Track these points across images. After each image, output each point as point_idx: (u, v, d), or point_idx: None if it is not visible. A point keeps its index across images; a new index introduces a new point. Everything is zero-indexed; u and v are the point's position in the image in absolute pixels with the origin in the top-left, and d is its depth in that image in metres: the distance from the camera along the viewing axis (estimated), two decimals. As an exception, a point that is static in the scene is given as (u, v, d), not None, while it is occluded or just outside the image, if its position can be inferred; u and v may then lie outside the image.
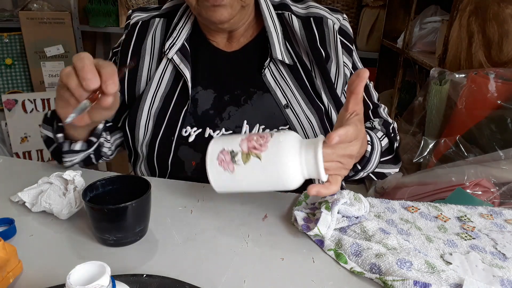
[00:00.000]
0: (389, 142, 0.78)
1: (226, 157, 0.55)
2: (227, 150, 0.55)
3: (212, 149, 0.56)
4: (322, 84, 0.79)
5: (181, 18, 0.81)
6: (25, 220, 0.60)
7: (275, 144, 0.54)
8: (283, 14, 0.80)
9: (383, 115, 0.85)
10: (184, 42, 0.78)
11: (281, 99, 0.77)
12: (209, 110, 0.78)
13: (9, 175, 0.74)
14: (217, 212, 0.64)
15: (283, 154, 0.53)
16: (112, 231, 0.54)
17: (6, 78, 2.32)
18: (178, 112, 0.77)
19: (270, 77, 0.78)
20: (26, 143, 2.28)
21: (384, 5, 2.15)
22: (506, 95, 1.19)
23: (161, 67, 0.79)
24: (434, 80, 1.39)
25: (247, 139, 0.55)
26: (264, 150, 0.54)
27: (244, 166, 0.54)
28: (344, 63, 0.80)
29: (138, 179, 0.59)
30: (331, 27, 0.79)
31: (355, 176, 0.75)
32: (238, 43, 0.81)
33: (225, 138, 0.58)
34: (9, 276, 0.47)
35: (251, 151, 0.54)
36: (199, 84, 0.79)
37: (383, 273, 0.50)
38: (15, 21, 2.22)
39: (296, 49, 0.79)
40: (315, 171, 0.52)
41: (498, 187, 1.12)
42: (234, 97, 0.79)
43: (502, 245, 0.58)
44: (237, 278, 0.50)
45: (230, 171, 0.54)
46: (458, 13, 1.37)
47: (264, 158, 0.53)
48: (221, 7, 0.69)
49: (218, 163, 0.55)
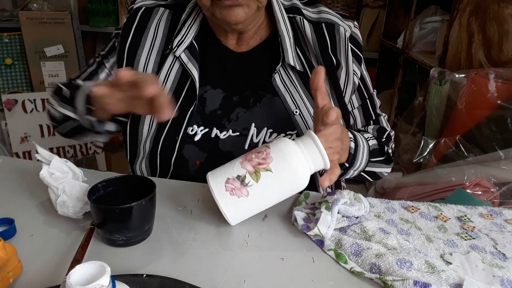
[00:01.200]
0: (379, 145, 0.79)
1: (235, 184, 0.54)
2: (233, 177, 0.55)
3: (215, 184, 0.55)
4: (331, 91, 0.79)
5: (190, 15, 0.80)
6: (25, 220, 0.60)
7: (278, 152, 0.55)
8: (295, 18, 0.79)
9: (382, 123, 0.86)
10: (192, 40, 0.77)
11: (290, 105, 0.77)
12: (217, 110, 0.78)
13: (9, 175, 0.74)
14: (217, 212, 0.63)
15: (291, 158, 0.55)
16: (123, 231, 0.54)
17: (6, 78, 2.32)
18: (184, 111, 0.77)
19: (280, 82, 0.77)
20: (26, 143, 2.28)
21: (384, 5, 2.15)
22: (506, 95, 1.19)
23: (167, 64, 0.78)
24: (434, 80, 1.39)
25: (245, 160, 0.56)
26: (270, 161, 0.55)
27: (257, 184, 0.54)
28: (354, 71, 0.80)
29: (138, 179, 0.59)
30: (343, 34, 0.79)
31: (345, 174, 0.75)
32: (247, 45, 0.81)
33: (220, 170, 0.57)
34: (9, 276, 0.47)
35: (258, 168, 0.55)
36: (208, 83, 0.79)
37: (383, 273, 0.50)
38: (15, 21, 2.21)
39: (306, 54, 0.79)
40: (321, 161, 0.56)
41: (498, 187, 1.12)
42: (243, 99, 0.78)
43: (502, 245, 0.58)
44: (237, 278, 0.50)
45: (245, 196, 0.54)
46: (458, 13, 1.37)
47: (275, 169, 0.54)
48: (238, 7, 0.68)
49: (229, 194, 0.54)
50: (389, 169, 0.84)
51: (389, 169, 0.84)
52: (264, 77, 0.78)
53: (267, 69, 0.79)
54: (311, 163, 0.56)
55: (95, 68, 0.85)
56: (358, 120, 0.85)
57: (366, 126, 0.85)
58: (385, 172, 0.84)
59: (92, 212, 0.54)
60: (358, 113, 0.85)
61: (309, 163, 0.56)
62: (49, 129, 2.32)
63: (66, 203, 0.58)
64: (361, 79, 0.82)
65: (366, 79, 0.84)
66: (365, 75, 0.84)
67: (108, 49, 0.85)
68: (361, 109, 0.85)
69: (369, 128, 0.84)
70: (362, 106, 0.84)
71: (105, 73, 0.84)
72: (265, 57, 0.80)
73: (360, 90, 0.83)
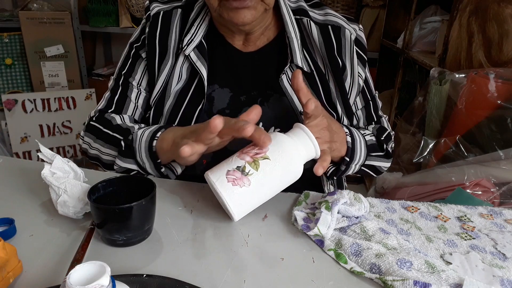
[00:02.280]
0: (377, 141, 0.81)
1: (236, 174, 0.56)
2: (233, 169, 0.56)
3: (216, 177, 0.56)
4: (336, 92, 0.80)
5: (199, 14, 0.80)
6: (25, 220, 0.60)
7: (273, 141, 0.58)
8: (302, 19, 0.79)
9: (384, 124, 0.88)
10: (202, 39, 0.78)
11: (297, 105, 0.78)
12: (225, 109, 0.78)
13: (9, 175, 0.74)
14: (217, 212, 0.63)
15: (285, 145, 0.58)
16: (123, 231, 0.54)
17: (6, 78, 2.32)
18: (192, 110, 0.77)
19: (287, 82, 0.78)
20: (26, 143, 2.28)
21: (384, 5, 2.15)
22: (506, 95, 1.19)
23: (179, 63, 0.78)
24: (434, 80, 1.39)
25: (242, 153, 0.58)
26: (266, 150, 0.57)
27: (257, 172, 0.56)
28: (359, 73, 0.81)
29: (138, 179, 0.59)
30: (348, 37, 0.80)
31: (348, 169, 0.75)
32: (254, 46, 0.81)
33: (219, 165, 0.59)
34: (9, 276, 0.47)
35: (255, 157, 0.57)
36: (216, 82, 0.79)
37: (383, 273, 0.50)
38: (15, 21, 2.21)
39: (312, 55, 0.79)
40: (313, 149, 0.61)
41: (498, 187, 1.12)
42: (251, 98, 0.79)
43: (502, 245, 0.58)
44: (237, 278, 0.50)
45: (247, 185, 0.55)
46: (458, 13, 1.37)
47: (272, 156, 0.57)
48: (245, 9, 0.69)
49: (231, 184, 0.55)
50: (388, 163, 0.85)
51: (389, 163, 0.86)
52: (271, 77, 0.79)
53: (274, 69, 0.79)
54: (303, 150, 0.60)
55: (123, 90, 0.83)
56: (361, 121, 0.87)
57: (368, 126, 0.87)
58: (385, 166, 0.85)
59: (92, 212, 0.54)
60: (361, 114, 0.86)
61: (302, 150, 0.60)
62: (49, 129, 2.32)
63: (67, 203, 0.58)
64: (365, 82, 0.83)
65: (370, 81, 0.86)
66: (369, 78, 0.85)
67: (129, 66, 0.83)
68: (364, 111, 0.86)
69: (369, 127, 0.86)
70: (365, 107, 0.85)
71: (135, 92, 0.83)
72: (272, 58, 0.80)
73: (364, 92, 0.85)
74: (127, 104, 0.82)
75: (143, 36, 0.82)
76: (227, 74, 0.80)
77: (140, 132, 0.72)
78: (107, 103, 0.83)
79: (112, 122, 0.79)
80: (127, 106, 0.82)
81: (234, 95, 0.79)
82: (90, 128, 0.81)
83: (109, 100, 0.83)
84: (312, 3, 0.84)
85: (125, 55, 0.85)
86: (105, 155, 0.78)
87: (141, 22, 0.84)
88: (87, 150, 0.82)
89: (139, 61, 0.83)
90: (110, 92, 0.84)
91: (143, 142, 0.70)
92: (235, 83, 0.79)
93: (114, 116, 0.81)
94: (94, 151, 0.79)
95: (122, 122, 0.79)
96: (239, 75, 0.80)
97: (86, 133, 0.81)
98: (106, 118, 0.80)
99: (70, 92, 2.33)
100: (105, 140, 0.77)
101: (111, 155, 0.77)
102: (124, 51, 0.86)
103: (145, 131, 0.72)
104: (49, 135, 2.32)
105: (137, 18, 2.29)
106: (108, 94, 0.84)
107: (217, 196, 0.59)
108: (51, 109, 2.29)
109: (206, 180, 0.59)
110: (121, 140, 0.74)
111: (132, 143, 0.72)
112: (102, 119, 0.80)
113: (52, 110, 2.29)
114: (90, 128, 0.81)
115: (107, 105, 0.83)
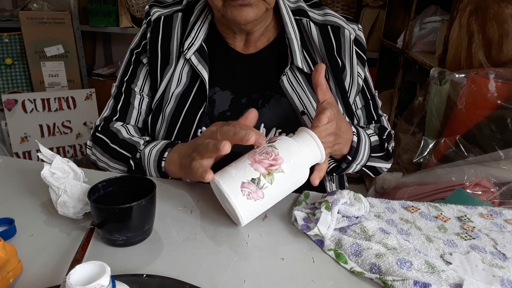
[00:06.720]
0: (380, 141, 0.81)
1: (251, 187, 0.54)
2: (248, 181, 0.54)
3: (230, 190, 0.54)
4: (336, 91, 0.80)
5: (199, 17, 0.80)
6: (25, 220, 0.60)
7: (286, 152, 0.57)
8: (301, 20, 0.80)
9: (384, 124, 0.88)
10: (202, 42, 0.78)
11: (298, 106, 0.78)
12: (226, 111, 0.79)
13: (9, 175, 0.74)
14: (217, 212, 0.63)
15: (297, 157, 0.57)
16: (123, 231, 0.53)
17: (6, 78, 2.32)
18: (194, 112, 0.77)
19: (287, 83, 0.78)
20: (26, 143, 2.28)
21: (384, 5, 2.15)
22: (506, 95, 1.19)
23: (179, 66, 0.79)
24: (434, 80, 1.39)
25: (254, 161, 0.56)
26: (281, 162, 0.56)
27: (271, 186, 0.55)
28: (358, 73, 0.82)
29: (138, 179, 0.59)
30: (348, 37, 0.80)
31: (349, 168, 0.76)
32: (255, 47, 0.81)
33: (230, 173, 0.56)
34: (9, 276, 0.47)
35: (270, 170, 0.55)
36: (217, 85, 0.79)
37: (383, 273, 0.50)
38: (15, 21, 2.22)
39: (312, 56, 0.80)
40: (320, 156, 0.60)
41: (498, 187, 1.12)
42: (252, 100, 0.79)
43: (502, 245, 0.58)
44: (237, 278, 0.50)
45: (260, 198, 0.55)
46: (458, 13, 1.37)
47: (286, 170, 0.56)
48: (248, 6, 0.69)
49: (246, 198, 0.54)
50: (388, 164, 0.86)
51: (389, 164, 0.86)
52: (271, 78, 0.79)
53: (275, 70, 0.80)
54: (311, 157, 0.60)
55: (126, 97, 0.84)
56: (361, 120, 0.87)
57: (369, 125, 0.87)
58: (385, 167, 0.85)
59: (92, 212, 0.54)
60: (361, 114, 0.87)
61: (310, 158, 0.60)
62: (49, 129, 2.32)
63: (67, 203, 0.58)
64: (364, 81, 0.84)
65: (369, 81, 0.86)
66: (368, 77, 0.86)
67: (130, 72, 0.84)
68: (364, 110, 0.86)
69: (370, 126, 0.86)
70: (365, 107, 0.86)
71: (138, 99, 0.84)
72: (272, 59, 0.81)
73: (364, 92, 0.85)
74: (131, 111, 0.84)
75: (144, 41, 0.82)
76: (227, 77, 0.80)
77: (148, 151, 0.73)
78: (112, 111, 0.85)
79: (118, 136, 0.79)
80: (130, 113, 0.84)
81: (235, 97, 0.79)
82: (97, 140, 0.81)
83: (113, 108, 0.85)
84: (311, 3, 0.84)
85: (126, 61, 0.86)
86: (113, 168, 0.79)
87: (142, 27, 0.85)
88: (96, 162, 0.83)
89: (140, 67, 0.83)
90: (114, 100, 0.85)
91: (151, 161, 0.72)
92: (236, 86, 0.80)
93: (119, 128, 0.81)
94: (103, 164, 0.81)
95: (128, 134, 0.80)
96: (240, 78, 0.80)
97: (94, 144, 0.82)
98: (111, 131, 0.81)
99: (70, 92, 2.33)
100: (112, 155, 0.78)
101: (119, 169, 0.78)
102: (125, 58, 0.86)
103: (152, 150, 0.73)
104: (49, 135, 2.33)
105: (137, 18, 2.30)
106: (111, 102, 0.86)
107: (224, 201, 0.58)
108: (51, 109, 2.30)
109: (213, 183, 0.59)
110: (129, 159, 0.75)
111: (140, 161, 0.73)
112: (107, 131, 0.81)
113: (52, 110, 2.30)
114: (97, 140, 0.81)
115: (111, 113, 0.84)
